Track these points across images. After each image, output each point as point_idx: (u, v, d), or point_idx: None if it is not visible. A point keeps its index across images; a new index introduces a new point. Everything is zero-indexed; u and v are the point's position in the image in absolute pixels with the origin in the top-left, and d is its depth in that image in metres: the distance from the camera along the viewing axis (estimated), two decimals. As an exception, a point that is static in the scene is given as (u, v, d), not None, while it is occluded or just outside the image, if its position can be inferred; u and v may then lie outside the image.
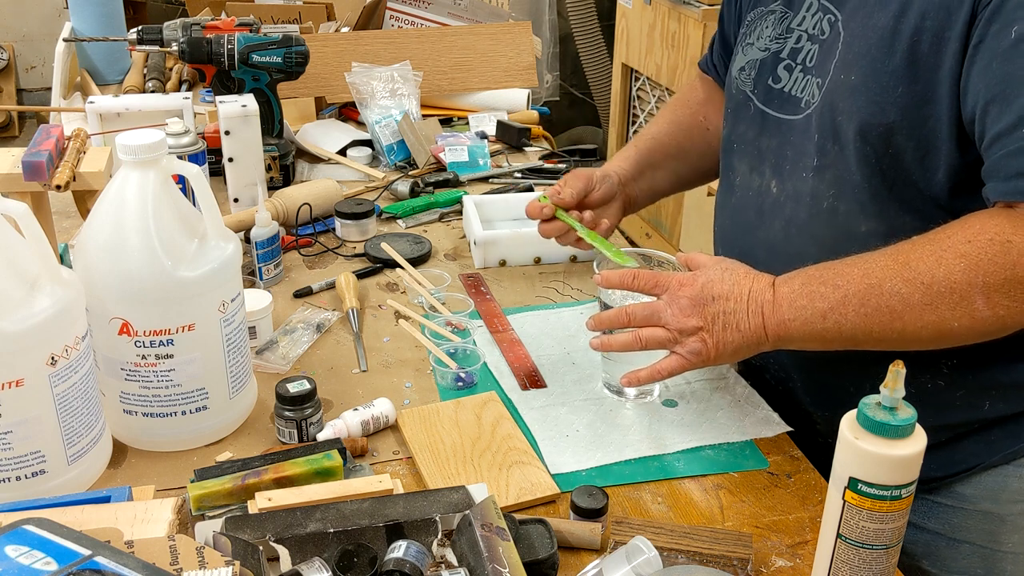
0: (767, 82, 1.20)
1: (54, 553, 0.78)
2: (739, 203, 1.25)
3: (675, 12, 3.28)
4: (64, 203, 1.61)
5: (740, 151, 1.25)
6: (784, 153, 1.17)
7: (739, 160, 1.26)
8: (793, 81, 1.16)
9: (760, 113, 1.21)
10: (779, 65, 1.19)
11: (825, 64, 1.12)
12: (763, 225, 1.21)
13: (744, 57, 1.24)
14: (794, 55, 1.17)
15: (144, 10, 3.65)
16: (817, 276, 1.03)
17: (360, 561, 0.90)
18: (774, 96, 1.19)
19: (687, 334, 1.07)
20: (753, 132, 1.23)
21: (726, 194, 1.29)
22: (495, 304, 1.44)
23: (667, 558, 0.94)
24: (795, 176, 1.16)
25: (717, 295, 1.06)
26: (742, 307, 1.05)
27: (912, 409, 0.84)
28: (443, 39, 2.17)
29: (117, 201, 1.05)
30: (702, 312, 1.06)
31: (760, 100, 1.21)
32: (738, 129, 1.26)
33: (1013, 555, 1.17)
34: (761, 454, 1.14)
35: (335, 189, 1.71)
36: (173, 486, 1.07)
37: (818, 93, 1.12)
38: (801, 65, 1.16)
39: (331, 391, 1.24)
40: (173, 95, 1.77)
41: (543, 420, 1.19)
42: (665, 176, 1.46)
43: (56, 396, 0.99)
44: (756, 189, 1.22)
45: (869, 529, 0.85)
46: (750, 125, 1.23)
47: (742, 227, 1.25)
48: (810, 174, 1.14)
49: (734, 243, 1.26)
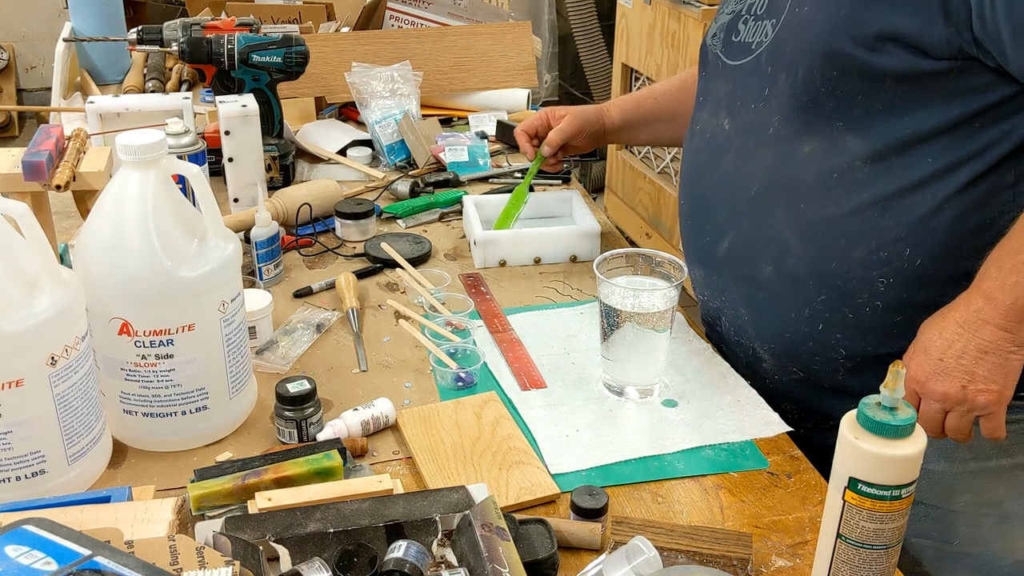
0: (731, 39, 1.25)
1: (54, 553, 0.78)
2: (697, 147, 1.30)
3: (675, 12, 3.28)
4: (64, 203, 1.61)
5: (703, 104, 1.31)
6: (736, 93, 1.23)
7: (700, 110, 1.31)
8: (747, 31, 1.22)
9: (721, 65, 1.27)
10: (739, 21, 1.24)
11: (778, 5, 1.17)
12: (715, 162, 1.25)
13: (715, 25, 1.31)
14: (749, 8, 1.23)
15: (144, 10, 3.65)
16: (1003, 254, 1.02)
17: (360, 561, 0.90)
18: (734, 48, 1.24)
19: (965, 399, 1.03)
20: (714, 84, 1.28)
21: (688, 145, 1.34)
22: (495, 304, 1.44)
23: (667, 558, 0.94)
24: (744, 110, 1.21)
25: (944, 350, 1.03)
26: (966, 337, 1.02)
27: (912, 409, 0.84)
28: (443, 39, 2.17)
29: (117, 201, 1.05)
30: (951, 375, 1.03)
31: (724, 54, 1.27)
32: (708, 86, 1.31)
33: (965, 515, 1.18)
34: (761, 454, 1.14)
35: (335, 189, 1.71)
36: (173, 486, 1.07)
37: (772, 31, 1.17)
38: (753, 15, 1.21)
39: (331, 391, 1.24)
40: (173, 95, 1.77)
41: (543, 420, 1.19)
42: (646, 135, 1.67)
43: (56, 396, 0.99)
44: (712, 131, 1.27)
45: (869, 529, 0.85)
46: (715, 79, 1.28)
47: (699, 169, 1.29)
48: (759, 105, 1.18)
49: (692, 187, 1.31)
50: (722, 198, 1.23)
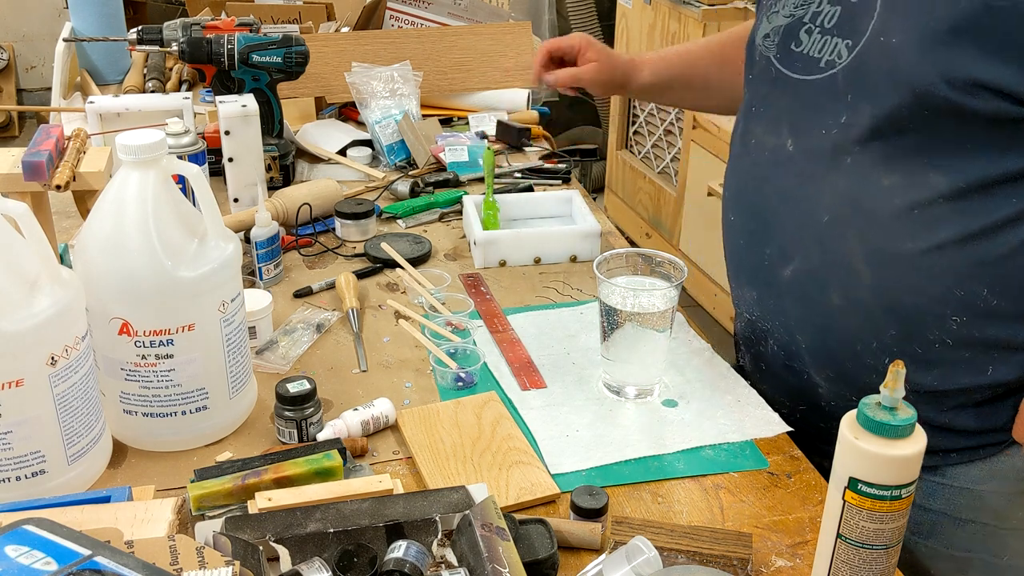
0: (789, 46, 1.20)
1: (54, 553, 0.78)
2: (754, 162, 1.25)
3: (675, 12, 3.28)
4: (64, 203, 1.61)
5: (758, 115, 1.25)
6: (803, 113, 1.17)
7: (756, 123, 1.25)
8: (812, 43, 1.16)
9: (780, 75, 1.21)
10: (801, 29, 1.18)
11: (856, 25, 1.11)
12: (776, 181, 1.20)
13: (768, 24, 1.24)
14: (814, 18, 1.17)
15: (144, 10, 3.65)
16: None
17: (360, 561, 0.90)
18: (795, 59, 1.19)
19: None
20: (773, 95, 1.22)
21: (740, 158, 1.28)
22: (495, 304, 1.44)
23: (667, 558, 0.94)
24: (813, 133, 1.15)
25: None
26: None
27: (912, 409, 0.84)
28: (443, 39, 2.17)
29: (117, 201, 1.05)
30: None
31: (781, 63, 1.21)
32: (759, 92, 1.25)
33: (1017, 532, 1.18)
34: (761, 454, 1.14)
35: (335, 189, 1.71)
36: (173, 486, 1.07)
37: (847, 53, 1.11)
38: (819, 27, 1.15)
39: (331, 391, 1.24)
40: (173, 95, 1.77)
41: (543, 420, 1.19)
42: (670, 98, 1.61)
43: (56, 396, 0.99)
44: (771, 148, 1.21)
45: (869, 529, 0.85)
46: (771, 89, 1.23)
47: (756, 185, 1.24)
48: (830, 132, 1.13)
49: (745, 197, 1.26)
50: (787, 220, 1.18)
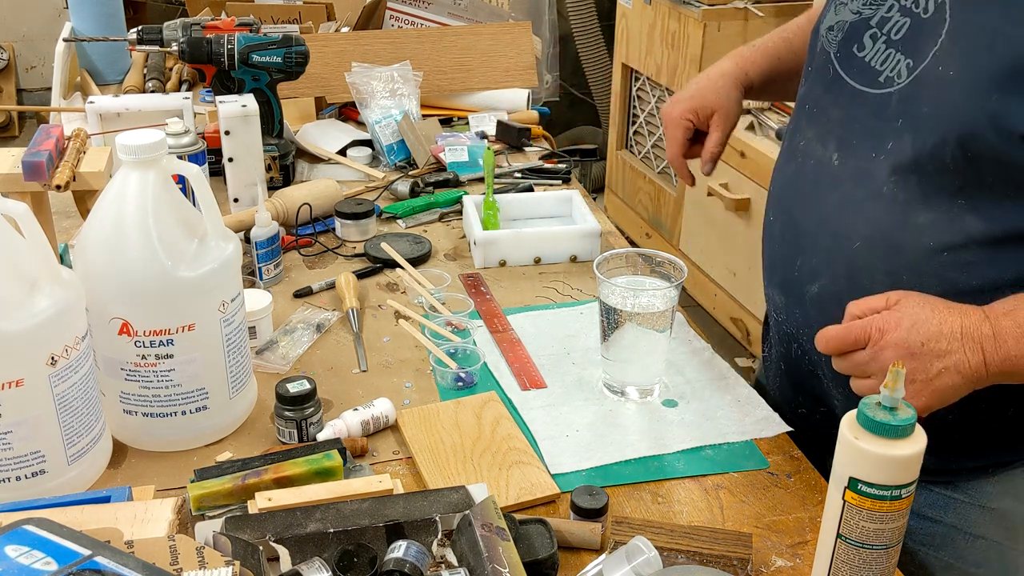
0: (851, 48, 1.14)
1: (54, 553, 0.78)
2: (799, 170, 1.21)
3: (675, 12, 3.28)
4: (64, 203, 1.61)
5: (811, 114, 1.21)
6: (853, 127, 1.13)
7: (808, 123, 1.21)
8: (875, 52, 1.11)
9: (838, 78, 1.16)
10: (866, 32, 1.13)
11: (920, 45, 1.05)
12: (819, 197, 1.16)
13: (835, 16, 1.18)
14: (882, 24, 1.10)
15: (144, 10, 3.65)
16: None
17: (360, 561, 0.90)
18: (855, 64, 1.13)
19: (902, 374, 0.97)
20: (827, 97, 1.18)
21: (788, 158, 1.25)
22: (495, 304, 1.44)
23: (667, 558, 0.94)
24: (860, 153, 1.11)
25: (927, 338, 0.96)
26: (956, 346, 0.95)
27: (912, 409, 0.84)
28: (443, 39, 2.17)
29: (117, 201, 1.05)
30: (912, 361, 0.96)
31: (840, 65, 1.16)
32: (815, 90, 1.21)
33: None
34: (761, 454, 1.14)
35: (335, 189, 1.71)
36: (173, 486, 1.07)
37: (906, 74, 1.07)
38: (886, 36, 1.10)
39: (331, 391, 1.24)
40: (173, 95, 1.77)
41: (543, 420, 1.19)
42: (773, 93, 1.50)
43: (56, 396, 0.99)
44: (818, 159, 1.17)
45: (869, 529, 0.85)
46: (827, 89, 1.18)
47: (800, 193, 1.20)
48: (878, 156, 1.09)
49: (784, 204, 1.23)
50: (820, 239, 1.14)
